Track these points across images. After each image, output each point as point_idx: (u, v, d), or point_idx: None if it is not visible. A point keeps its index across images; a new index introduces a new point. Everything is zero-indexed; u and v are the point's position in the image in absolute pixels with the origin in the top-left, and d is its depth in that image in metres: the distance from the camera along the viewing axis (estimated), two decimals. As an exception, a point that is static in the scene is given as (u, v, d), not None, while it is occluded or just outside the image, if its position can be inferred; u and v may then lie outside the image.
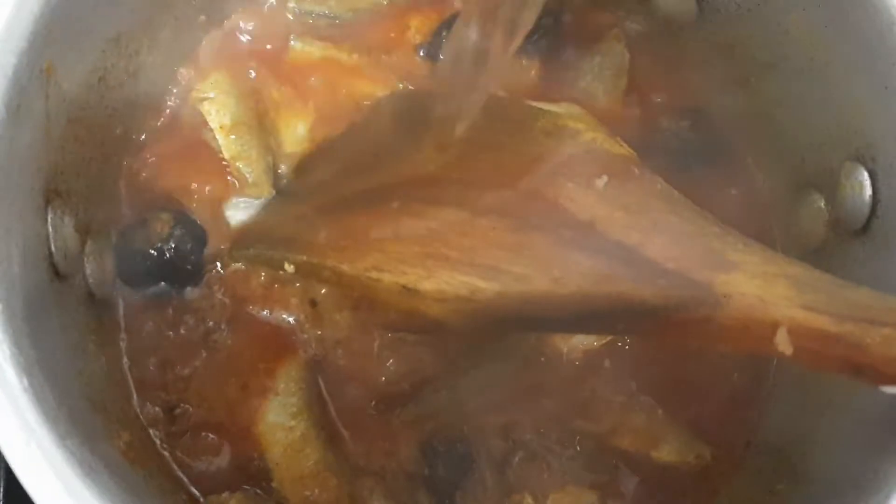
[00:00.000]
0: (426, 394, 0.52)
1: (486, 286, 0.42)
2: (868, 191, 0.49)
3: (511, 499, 0.51)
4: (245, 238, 0.53)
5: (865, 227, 0.50)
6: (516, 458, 0.52)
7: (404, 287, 0.43)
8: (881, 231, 0.49)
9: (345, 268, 0.46)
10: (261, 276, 0.53)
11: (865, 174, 0.49)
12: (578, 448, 0.52)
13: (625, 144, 0.46)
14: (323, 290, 0.53)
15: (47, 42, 0.43)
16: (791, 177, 0.57)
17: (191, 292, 0.53)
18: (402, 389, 0.52)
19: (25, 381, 0.37)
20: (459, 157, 0.49)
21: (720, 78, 0.60)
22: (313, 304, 0.53)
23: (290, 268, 0.48)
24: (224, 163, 0.55)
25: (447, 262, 0.43)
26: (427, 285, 0.43)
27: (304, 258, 0.48)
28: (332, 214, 0.49)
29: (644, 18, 0.61)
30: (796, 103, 0.55)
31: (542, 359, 0.53)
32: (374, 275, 0.44)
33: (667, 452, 0.53)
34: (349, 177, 0.52)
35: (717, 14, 0.57)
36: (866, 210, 0.49)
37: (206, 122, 0.55)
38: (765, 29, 0.55)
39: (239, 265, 0.53)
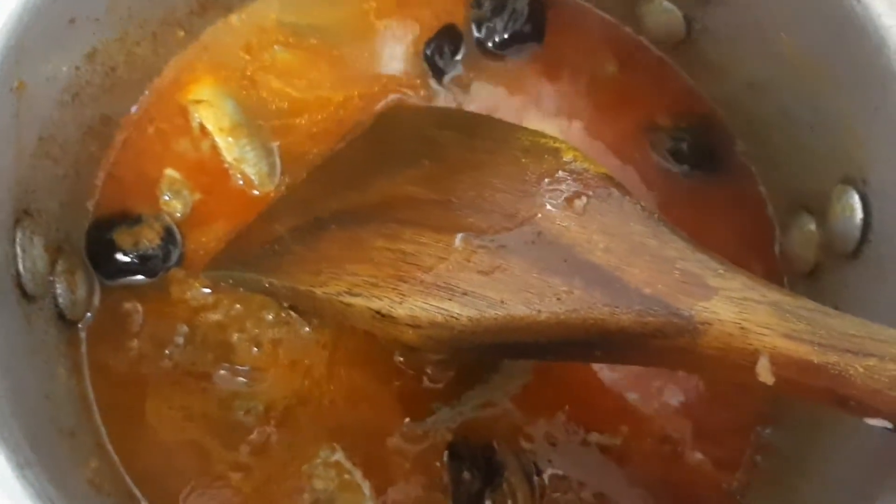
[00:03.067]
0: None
1: (460, 312, 0.41)
2: (859, 214, 0.48)
3: None
4: (218, 259, 0.52)
5: (856, 251, 0.49)
6: (545, 471, 0.51)
7: (377, 312, 0.42)
8: (872, 255, 0.48)
9: (317, 292, 0.44)
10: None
11: (857, 197, 0.48)
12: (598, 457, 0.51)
13: (603, 166, 0.45)
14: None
15: (18, 60, 0.43)
16: (784, 199, 0.56)
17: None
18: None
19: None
20: (439, 176, 0.48)
21: (714, 98, 0.59)
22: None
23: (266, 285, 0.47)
24: (225, 165, 0.55)
25: (422, 286, 0.42)
26: (400, 311, 0.41)
27: (277, 281, 0.47)
28: (307, 236, 0.48)
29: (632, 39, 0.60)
30: (788, 126, 0.54)
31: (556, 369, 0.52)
32: (346, 299, 0.43)
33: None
34: (326, 197, 0.51)
35: (707, 34, 0.57)
36: (857, 234, 0.48)
37: (201, 129, 0.55)
38: (756, 50, 0.54)
39: None
